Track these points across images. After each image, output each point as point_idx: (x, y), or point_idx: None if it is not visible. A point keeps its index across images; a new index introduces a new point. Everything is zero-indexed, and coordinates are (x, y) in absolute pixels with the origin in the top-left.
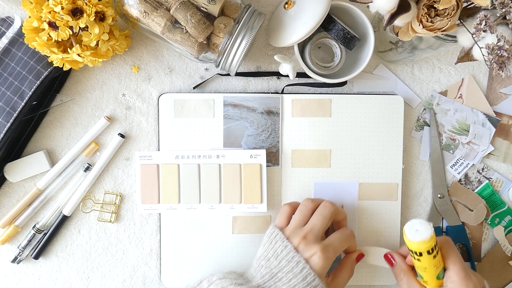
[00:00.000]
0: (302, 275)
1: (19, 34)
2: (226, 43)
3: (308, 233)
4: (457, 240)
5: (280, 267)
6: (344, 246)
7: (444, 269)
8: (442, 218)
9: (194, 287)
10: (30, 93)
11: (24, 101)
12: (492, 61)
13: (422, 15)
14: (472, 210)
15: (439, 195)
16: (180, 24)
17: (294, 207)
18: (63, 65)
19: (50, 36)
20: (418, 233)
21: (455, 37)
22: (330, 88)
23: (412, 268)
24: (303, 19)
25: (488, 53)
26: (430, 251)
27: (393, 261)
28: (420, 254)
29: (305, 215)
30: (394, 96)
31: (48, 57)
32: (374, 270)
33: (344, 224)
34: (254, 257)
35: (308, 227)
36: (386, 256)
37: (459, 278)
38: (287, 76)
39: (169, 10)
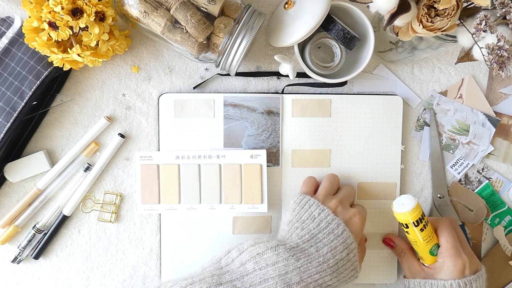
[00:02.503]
0: (342, 237)
1: (19, 34)
2: (226, 43)
3: (343, 198)
4: None
5: (320, 229)
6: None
7: (439, 247)
8: None
9: (221, 258)
10: (30, 93)
11: (24, 101)
12: (492, 61)
13: (422, 15)
14: (472, 210)
15: (439, 195)
16: (180, 24)
17: (317, 179)
18: (63, 65)
19: (50, 36)
20: (404, 206)
21: (455, 37)
22: (330, 88)
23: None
24: (303, 19)
25: (488, 53)
26: (415, 223)
27: (393, 244)
28: (407, 226)
29: (333, 183)
30: (393, 96)
31: (48, 57)
32: (375, 269)
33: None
34: (281, 223)
35: (342, 194)
36: (384, 241)
37: (449, 255)
38: (287, 76)
39: (169, 10)
